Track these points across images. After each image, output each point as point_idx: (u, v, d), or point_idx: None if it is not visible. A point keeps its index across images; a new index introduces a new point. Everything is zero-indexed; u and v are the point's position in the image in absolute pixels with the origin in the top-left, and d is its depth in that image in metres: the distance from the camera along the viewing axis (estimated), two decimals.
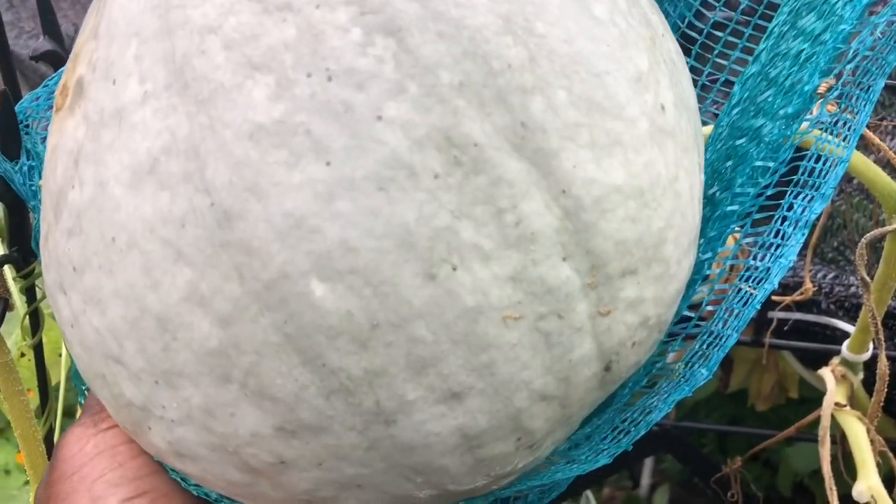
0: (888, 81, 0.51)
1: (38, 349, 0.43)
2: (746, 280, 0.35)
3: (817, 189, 0.35)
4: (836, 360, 0.53)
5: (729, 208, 0.36)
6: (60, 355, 0.48)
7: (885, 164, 0.50)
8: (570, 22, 0.24)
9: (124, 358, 0.25)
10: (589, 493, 0.98)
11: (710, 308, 0.36)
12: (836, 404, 0.49)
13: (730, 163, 0.37)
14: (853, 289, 0.61)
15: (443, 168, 0.23)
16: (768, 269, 0.35)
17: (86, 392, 0.36)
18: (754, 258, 0.36)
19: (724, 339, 0.34)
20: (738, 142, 0.36)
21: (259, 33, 0.23)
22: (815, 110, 0.36)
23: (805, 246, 0.68)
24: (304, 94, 0.22)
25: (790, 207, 0.35)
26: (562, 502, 0.70)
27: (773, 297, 0.59)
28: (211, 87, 0.23)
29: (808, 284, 0.60)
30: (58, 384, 0.45)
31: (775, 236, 0.35)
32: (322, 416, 0.24)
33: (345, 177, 0.22)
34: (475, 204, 0.23)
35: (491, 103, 0.23)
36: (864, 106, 0.36)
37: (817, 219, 0.64)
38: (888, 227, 0.45)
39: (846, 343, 0.53)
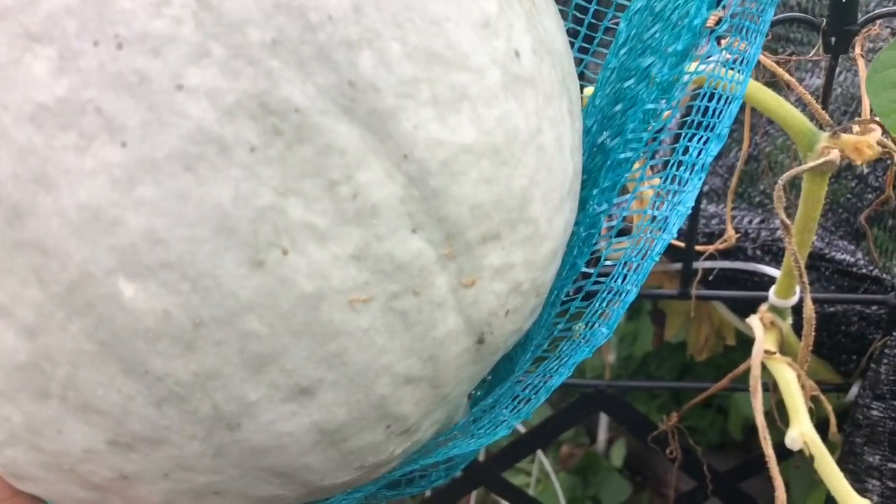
0: (807, 16, 0.50)
1: None
2: (643, 230, 0.33)
3: (712, 129, 0.33)
4: (763, 307, 0.53)
5: (622, 156, 0.34)
6: None
7: (798, 101, 0.48)
8: None
9: None
10: (539, 454, 0.98)
11: (609, 263, 0.34)
12: (766, 351, 0.49)
13: (619, 107, 0.35)
14: (778, 233, 0.60)
15: (260, 139, 0.20)
16: (666, 217, 0.33)
17: None
18: (652, 207, 0.34)
19: (624, 295, 0.32)
20: (627, 83, 0.34)
21: None
22: (706, 46, 0.34)
23: (725, 191, 0.67)
24: (92, 65, 0.19)
25: (685, 151, 0.34)
26: (517, 462, 0.69)
27: (697, 247, 0.58)
28: None
29: (731, 231, 0.59)
30: None
31: (672, 182, 0.33)
32: (156, 427, 0.21)
33: (145, 158, 0.19)
34: (303, 177, 0.20)
35: (311, 62, 0.20)
36: (756, 38, 0.34)
37: (737, 162, 0.63)
38: (804, 166, 0.44)
39: (773, 289, 0.52)
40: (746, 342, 0.58)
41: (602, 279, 0.33)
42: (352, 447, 0.24)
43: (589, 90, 0.38)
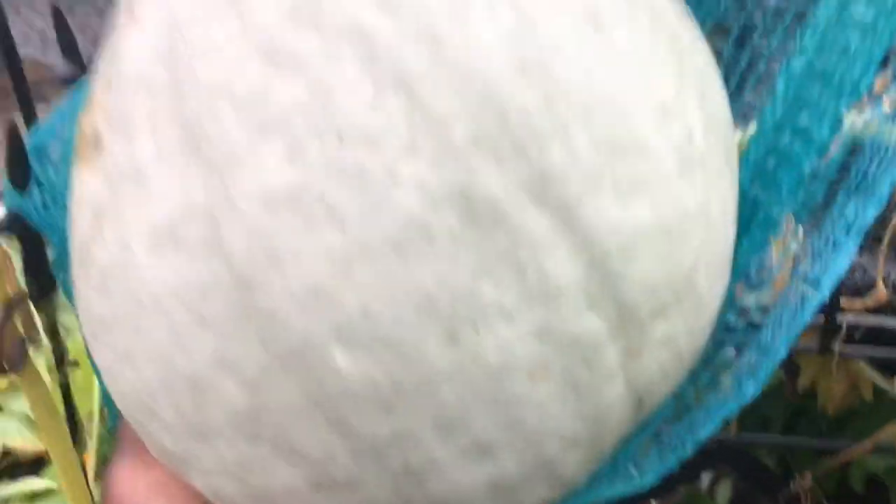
0: None
1: (65, 389, 0.44)
2: (797, 290, 0.34)
3: (871, 192, 0.33)
4: None
5: (775, 213, 0.34)
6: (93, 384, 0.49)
7: None
8: (588, 57, 0.23)
9: (158, 411, 0.26)
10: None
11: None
12: None
13: (773, 161, 0.35)
14: None
15: (460, 226, 0.22)
16: (818, 279, 0.33)
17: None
18: (806, 266, 0.34)
19: (773, 354, 0.33)
20: (782, 140, 0.34)
21: (267, 92, 0.22)
22: (868, 106, 0.34)
23: (875, 238, 0.64)
24: (316, 157, 0.22)
25: (842, 213, 0.34)
26: None
27: (842, 303, 0.56)
28: (223, 152, 0.23)
29: (882, 288, 0.57)
30: (90, 411, 0.47)
31: (826, 244, 0.34)
32: (352, 475, 0.24)
33: (360, 243, 0.22)
34: (496, 261, 0.22)
35: (508, 154, 0.22)
36: None
37: (891, 214, 0.61)
38: None
39: None
40: (881, 396, 0.56)
41: (753, 332, 0.34)
42: (520, 499, 0.26)
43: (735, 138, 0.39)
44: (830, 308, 0.54)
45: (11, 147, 0.36)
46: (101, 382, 0.35)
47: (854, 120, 0.33)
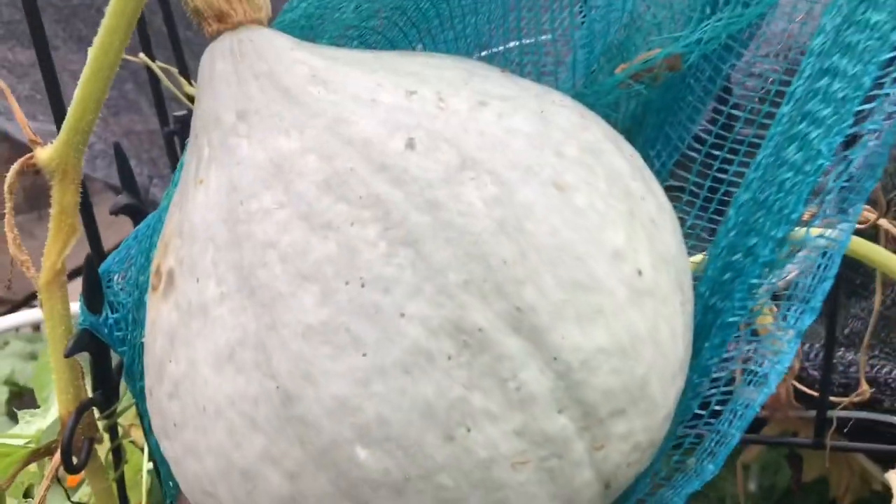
0: None
1: (119, 482, 0.49)
2: (749, 384, 0.40)
3: (807, 302, 0.39)
4: None
5: (730, 319, 0.40)
6: (141, 477, 0.55)
7: None
8: (555, 216, 0.30)
9: (218, 496, 0.32)
10: None
11: (718, 409, 0.41)
12: None
13: (728, 275, 0.41)
14: None
15: (454, 350, 0.28)
16: (766, 375, 0.39)
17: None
18: (756, 364, 0.40)
19: (729, 438, 0.39)
20: (735, 257, 0.41)
21: (307, 249, 0.29)
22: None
23: (856, 345, 0.68)
24: (344, 299, 0.29)
25: (784, 318, 0.40)
26: None
27: (833, 398, 0.60)
28: (271, 294, 0.29)
29: (865, 386, 0.61)
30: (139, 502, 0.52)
31: (772, 345, 0.40)
32: None
33: (377, 365, 0.28)
34: (482, 377, 0.29)
35: (491, 294, 0.29)
36: (846, 226, 0.40)
37: (870, 315, 0.65)
38: None
39: None
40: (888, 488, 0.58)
41: (712, 422, 0.40)
42: None
43: (697, 257, 0.45)
44: (821, 403, 0.58)
45: (88, 275, 0.43)
46: (160, 475, 0.41)
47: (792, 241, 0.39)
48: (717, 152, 0.45)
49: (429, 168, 0.30)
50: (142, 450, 0.57)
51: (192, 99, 0.58)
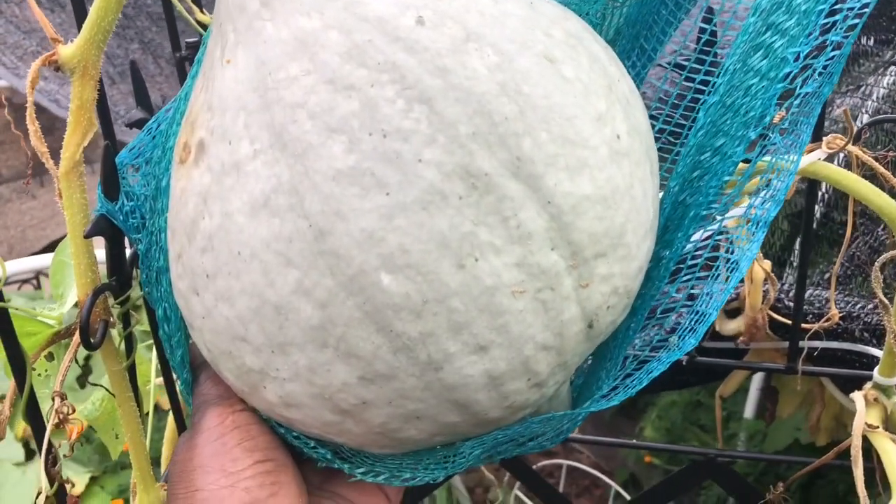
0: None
1: (131, 373, 0.52)
2: (721, 269, 0.45)
3: (773, 196, 0.45)
4: (868, 385, 0.58)
5: (702, 212, 0.45)
6: (147, 387, 0.58)
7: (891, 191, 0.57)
8: (547, 82, 0.35)
9: (248, 336, 0.36)
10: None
11: (696, 291, 0.46)
12: (869, 426, 0.53)
13: (697, 173, 0.46)
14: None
15: (465, 192, 0.33)
16: (737, 261, 0.45)
17: (186, 390, 0.46)
18: (727, 251, 0.46)
19: (707, 317, 0.44)
20: (703, 156, 0.46)
21: (333, 106, 0.34)
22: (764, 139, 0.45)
23: (846, 279, 0.72)
24: (368, 147, 0.33)
25: (752, 211, 0.45)
26: None
27: (803, 325, 0.64)
28: (303, 146, 0.34)
29: (834, 311, 0.66)
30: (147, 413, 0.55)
31: (741, 235, 0.45)
32: (391, 367, 0.34)
33: (399, 202, 0.33)
34: (488, 214, 0.33)
35: (495, 145, 0.33)
36: (806, 129, 0.45)
37: (858, 254, 0.70)
38: None
39: (877, 368, 0.57)
40: None
41: (689, 304, 0.45)
42: (506, 391, 0.36)
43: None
44: (794, 331, 0.63)
45: (105, 164, 0.46)
46: (173, 348, 0.45)
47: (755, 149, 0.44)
48: (685, 62, 0.50)
49: (437, 40, 0.34)
50: (150, 360, 0.60)
51: (203, 27, 0.61)
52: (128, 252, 0.50)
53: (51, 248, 2.03)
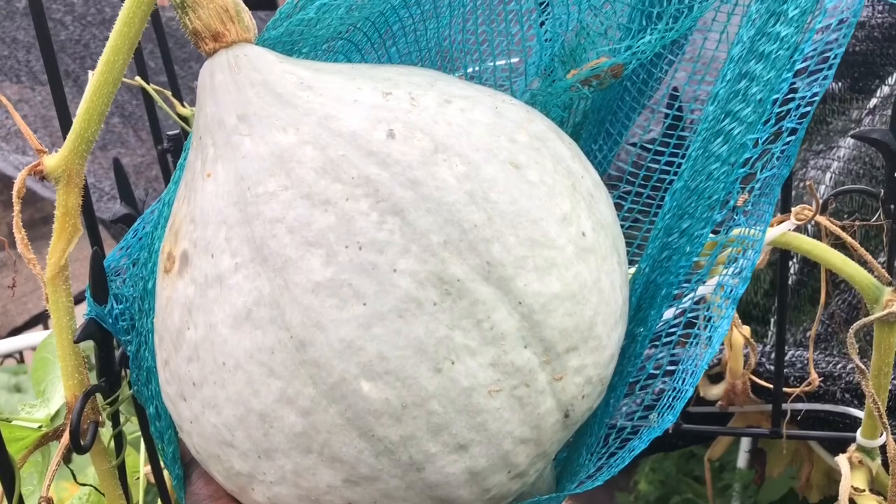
0: (866, 188, 0.61)
1: (121, 468, 0.53)
2: (695, 345, 0.47)
3: (740, 273, 0.47)
4: (852, 447, 0.58)
5: (673, 291, 0.47)
6: (137, 478, 0.58)
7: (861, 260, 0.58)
8: (513, 188, 0.37)
9: (235, 442, 0.37)
10: None
11: (671, 368, 0.48)
12: (855, 489, 0.54)
13: (665, 254, 0.48)
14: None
15: (439, 298, 0.35)
16: (710, 337, 0.46)
17: (178, 485, 0.47)
18: (700, 328, 0.47)
19: (684, 394, 0.45)
20: (671, 238, 0.47)
21: (311, 221, 0.35)
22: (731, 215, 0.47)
23: (827, 338, 0.74)
24: (345, 259, 0.35)
25: (722, 288, 0.47)
26: None
27: (785, 389, 0.65)
28: (282, 259, 0.35)
29: (814, 375, 0.68)
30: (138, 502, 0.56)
31: (714, 311, 0.47)
32: (374, 470, 0.35)
33: (376, 311, 0.34)
34: (462, 318, 0.35)
35: (465, 251, 0.35)
36: (768, 208, 0.47)
37: (831, 320, 0.71)
38: (871, 317, 0.52)
39: (859, 430, 0.58)
40: None
41: (666, 380, 0.46)
42: (487, 484, 0.37)
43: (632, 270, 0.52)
44: (776, 395, 0.64)
45: (94, 269, 0.48)
46: (163, 452, 0.46)
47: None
48: (650, 146, 0.53)
49: (408, 152, 0.36)
50: (138, 451, 0.61)
51: (184, 119, 0.63)
52: (117, 353, 0.51)
53: (33, 322, 2.03)
